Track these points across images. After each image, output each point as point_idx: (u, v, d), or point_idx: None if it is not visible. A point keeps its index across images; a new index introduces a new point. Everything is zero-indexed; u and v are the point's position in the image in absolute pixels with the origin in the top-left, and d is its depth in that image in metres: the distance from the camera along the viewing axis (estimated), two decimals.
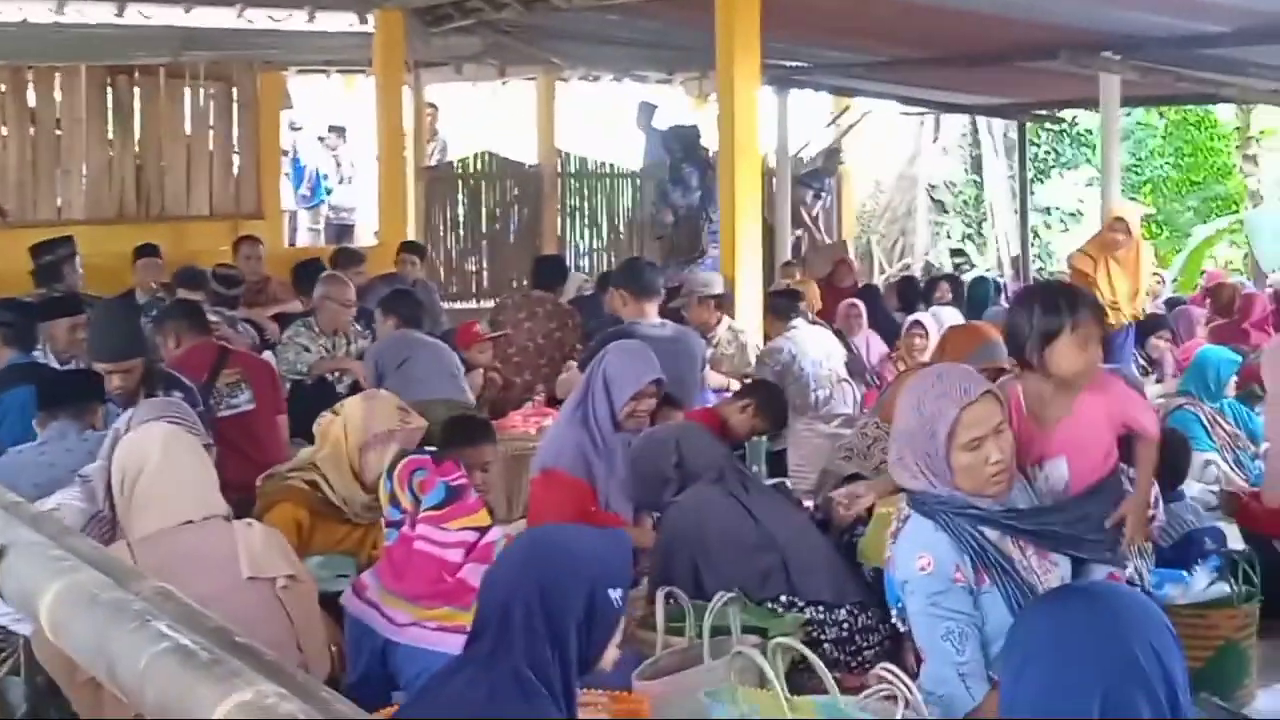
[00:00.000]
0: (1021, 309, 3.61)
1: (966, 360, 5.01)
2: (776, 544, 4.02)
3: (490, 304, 11.07)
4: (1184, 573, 4.22)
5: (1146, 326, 8.89)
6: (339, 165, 15.11)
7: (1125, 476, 3.71)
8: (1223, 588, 4.18)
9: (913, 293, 10.59)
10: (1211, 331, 9.27)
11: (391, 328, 6.79)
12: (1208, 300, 10.66)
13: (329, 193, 15.17)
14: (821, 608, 3.89)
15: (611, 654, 2.53)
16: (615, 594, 2.47)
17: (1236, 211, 17.91)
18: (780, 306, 7.83)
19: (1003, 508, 3.18)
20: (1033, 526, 3.26)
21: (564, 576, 2.42)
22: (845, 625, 3.90)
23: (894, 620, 3.33)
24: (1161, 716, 1.85)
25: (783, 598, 3.88)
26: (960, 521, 3.12)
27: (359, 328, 7.42)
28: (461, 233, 13.99)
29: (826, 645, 3.72)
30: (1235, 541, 5.07)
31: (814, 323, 7.89)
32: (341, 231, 14.76)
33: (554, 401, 6.56)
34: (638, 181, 15.02)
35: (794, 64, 12.45)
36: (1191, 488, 5.67)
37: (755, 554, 3.99)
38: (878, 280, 14.29)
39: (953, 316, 9.22)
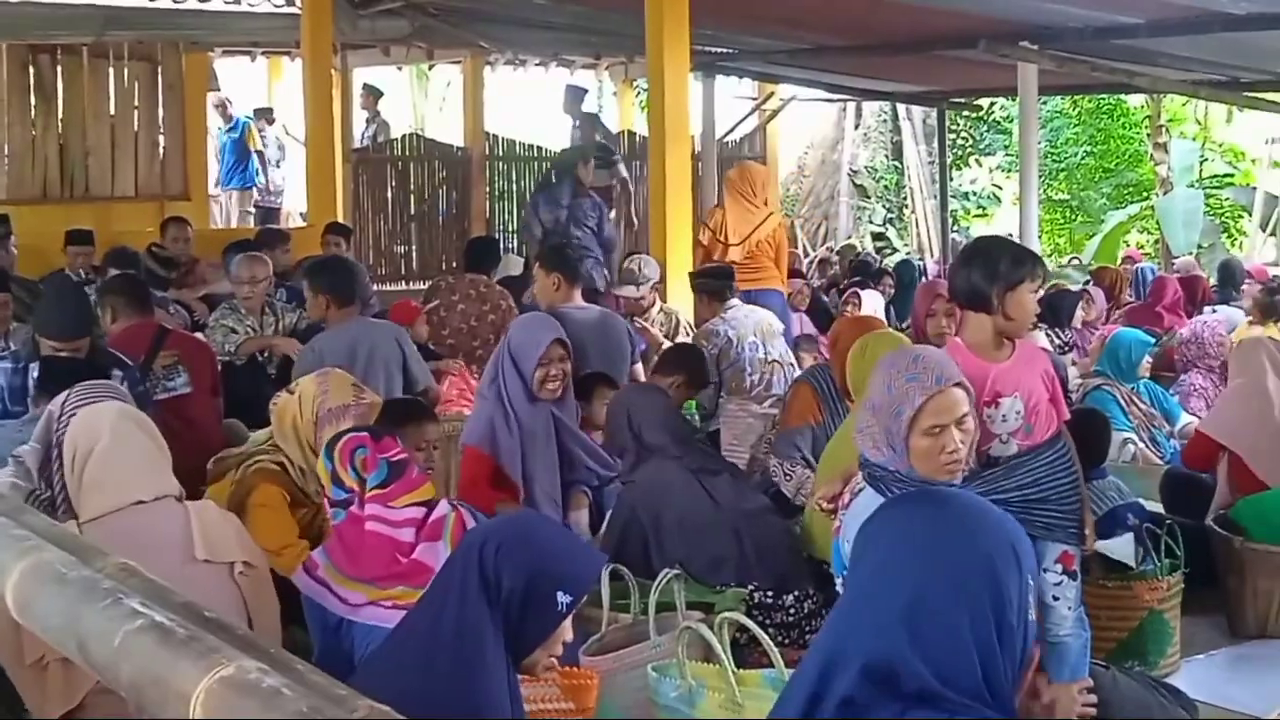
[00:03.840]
0: (984, 257, 3.72)
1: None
2: (732, 528, 4.05)
3: (419, 286, 11.03)
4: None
5: (1063, 303, 8.85)
6: (265, 147, 14.96)
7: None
8: (1146, 560, 4.31)
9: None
10: (1125, 314, 9.50)
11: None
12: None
13: (257, 174, 15.03)
14: (770, 593, 3.94)
15: (543, 660, 2.51)
16: (563, 598, 2.44)
17: (1148, 198, 18.30)
18: (712, 287, 7.19)
19: (958, 486, 3.24)
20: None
21: (515, 549, 2.45)
22: (791, 610, 3.94)
23: (838, 588, 3.41)
24: (985, 627, 1.83)
25: (731, 584, 3.92)
26: None
27: (288, 305, 7.37)
28: (390, 215, 13.91)
29: (771, 630, 3.70)
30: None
31: (752, 302, 7.41)
32: (268, 214, 14.58)
33: None
34: None
35: (719, 50, 12.52)
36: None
37: (709, 538, 4.01)
38: (802, 264, 14.42)
39: (874, 300, 9.45)
